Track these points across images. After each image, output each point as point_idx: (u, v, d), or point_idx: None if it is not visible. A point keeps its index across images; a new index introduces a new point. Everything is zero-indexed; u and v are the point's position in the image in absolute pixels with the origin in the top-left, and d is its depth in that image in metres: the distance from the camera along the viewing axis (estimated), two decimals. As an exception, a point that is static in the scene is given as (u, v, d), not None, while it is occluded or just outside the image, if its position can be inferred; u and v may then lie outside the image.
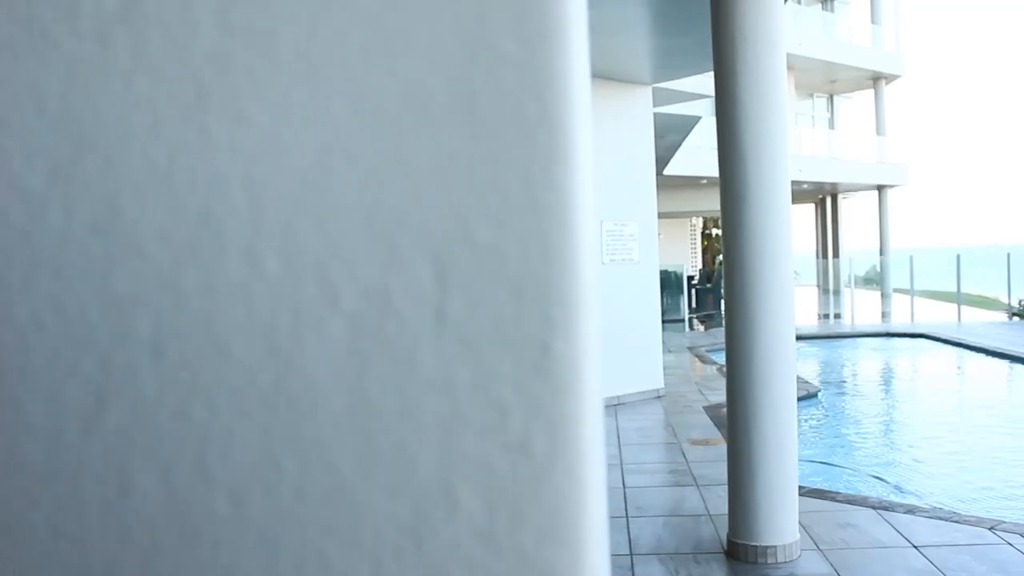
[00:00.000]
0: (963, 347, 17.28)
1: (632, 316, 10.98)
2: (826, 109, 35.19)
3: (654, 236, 11.46)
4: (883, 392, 13.69)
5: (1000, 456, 9.21)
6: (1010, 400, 12.99)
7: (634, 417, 10.14)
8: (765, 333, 5.30)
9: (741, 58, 5.32)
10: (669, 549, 5.68)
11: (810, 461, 8.87)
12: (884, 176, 32.83)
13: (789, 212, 5.43)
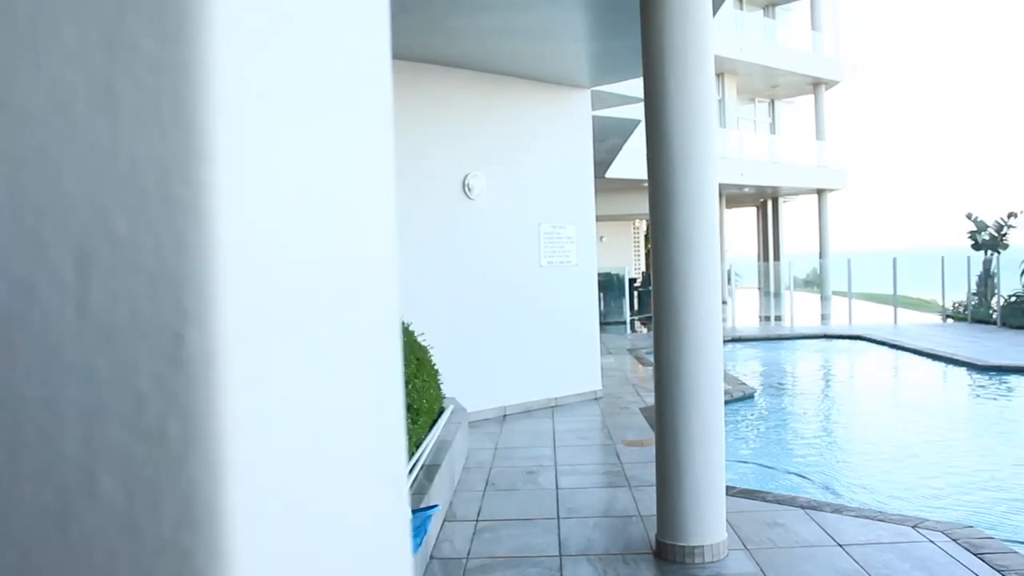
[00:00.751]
0: (898, 348, 17.61)
1: (569, 318, 11.01)
2: (768, 114, 35.58)
3: (592, 238, 11.49)
4: (818, 393, 13.87)
5: (928, 455, 9.36)
6: (940, 400, 13.22)
7: (570, 419, 10.15)
8: (692, 335, 5.34)
9: (669, 63, 5.34)
10: (599, 550, 5.68)
11: (743, 462, 8.95)
12: (824, 180, 33.28)
13: (716, 215, 5.46)
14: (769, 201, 37.66)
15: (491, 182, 10.23)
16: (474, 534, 6.08)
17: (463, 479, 7.60)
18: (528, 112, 10.75)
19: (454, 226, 9.91)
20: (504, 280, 10.36)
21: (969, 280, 22.66)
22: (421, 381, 7.23)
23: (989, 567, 5.24)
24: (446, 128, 9.92)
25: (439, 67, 9.81)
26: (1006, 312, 21.12)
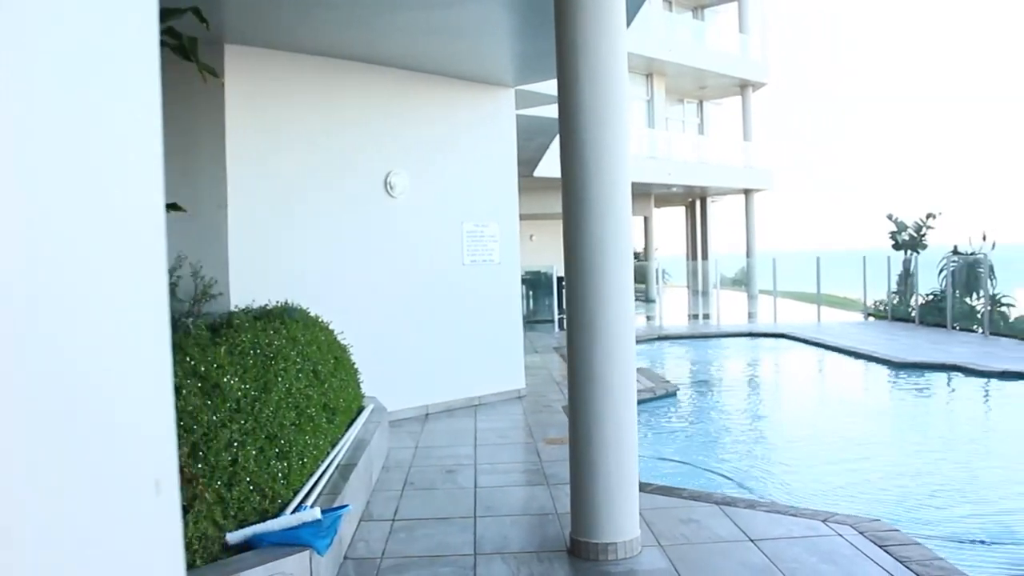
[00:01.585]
0: (819, 346, 17.93)
1: (493, 317, 10.99)
2: (696, 115, 35.93)
3: (515, 237, 11.48)
4: (739, 390, 14.03)
5: (844, 450, 9.51)
6: (858, 396, 13.47)
7: (492, 417, 10.14)
8: (605, 335, 5.35)
9: (583, 64, 5.35)
10: (514, 548, 5.67)
11: (662, 459, 9.01)
12: (751, 180, 33.72)
13: (629, 215, 5.48)
14: (698, 201, 38.06)
15: (414, 180, 10.17)
16: (390, 533, 6.03)
17: (382, 478, 7.54)
18: (451, 110, 10.71)
19: (375, 224, 9.84)
20: (427, 278, 10.30)
21: (889, 279, 23.12)
22: (338, 380, 7.16)
23: (892, 558, 5.34)
24: (368, 126, 9.83)
25: (361, 64, 9.72)
26: (924, 311, 21.60)
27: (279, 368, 5.61)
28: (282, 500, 4.93)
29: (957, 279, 20.66)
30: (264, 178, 8.85)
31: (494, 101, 11.21)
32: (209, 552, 4.26)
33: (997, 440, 10.13)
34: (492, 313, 11.02)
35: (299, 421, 5.59)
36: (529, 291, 24.82)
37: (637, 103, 30.60)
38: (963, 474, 8.44)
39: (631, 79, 29.85)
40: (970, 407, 12.34)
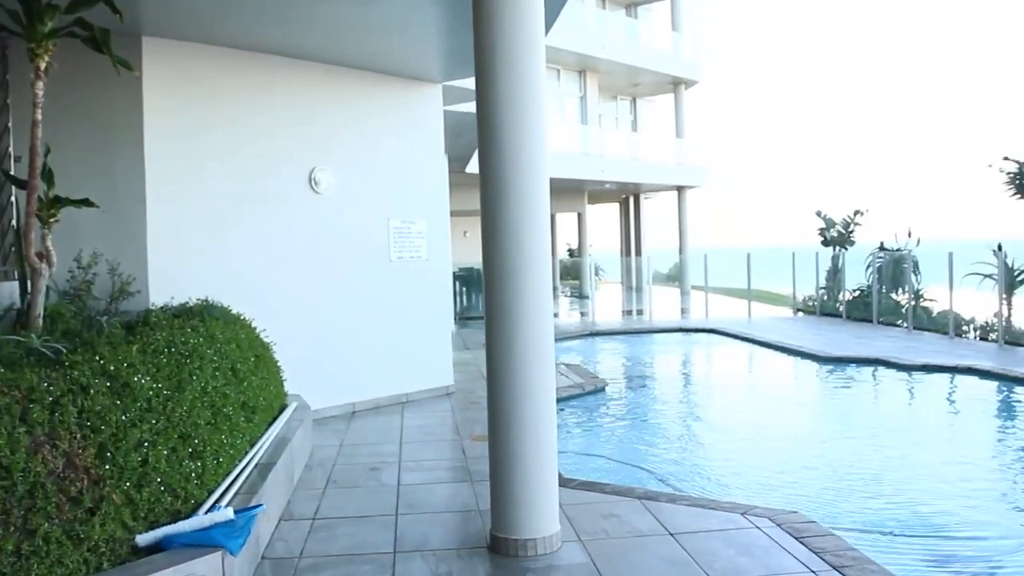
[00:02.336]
0: (748, 341, 18.19)
1: (421, 314, 10.94)
2: (630, 112, 36.19)
3: (445, 234, 11.44)
4: (667, 386, 14.14)
5: (768, 443, 9.66)
6: (783, 391, 13.67)
7: (420, 415, 10.11)
8: (523, 331, 5.35)
9: (500, 61, 5.33)
10: (434, 545, 5.65)
11: (588, 454, 9.06)
12: (683, 177, 34.03)
13: (547, 212, 5.48)
14: (631, 197, 38.34)
15: (339, 176, 10.08)
16: (310, 533, 5.97)
17: (304, 477, 7.47)
18: (378, 106, 10.63)
19: (300, 221, 9.73)
20: (353, 275, 10.22)
21: (818, 275, 23.52)
22: (259, 378, 7.08)
23: (807, 549, 5.42)
24: (292, 121, 9.72)
25: (285, 59, 9.60)
26: (851, 306, 22.03)
27: (194, 367, 5.52)
28: (196, 500, 4.85)
29: (883, 275, 21.09)
30: (185, 173, 8.71)
31: (421, 97, 11.15)
32: (117, 555, 4.17)
33: (916, 432, 10.33)
34: (420, 310, 10.96)
35: (215, 420, 5.51)
36: (462, 288, 24.80)
37: (570, 100, 30.73)
38: (882, 466, 8.60)
39: (565, 76, 30.05)
40: (891, 400, 12.60)
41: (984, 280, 17.59)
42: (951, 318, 17.70)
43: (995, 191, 18.36)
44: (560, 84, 30.29)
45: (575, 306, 29.56)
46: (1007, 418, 11.33)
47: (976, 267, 17.82)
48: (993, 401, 12.03)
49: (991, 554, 6.10)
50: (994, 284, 16.99)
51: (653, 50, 32.78)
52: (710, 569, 5.12)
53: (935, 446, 9.58)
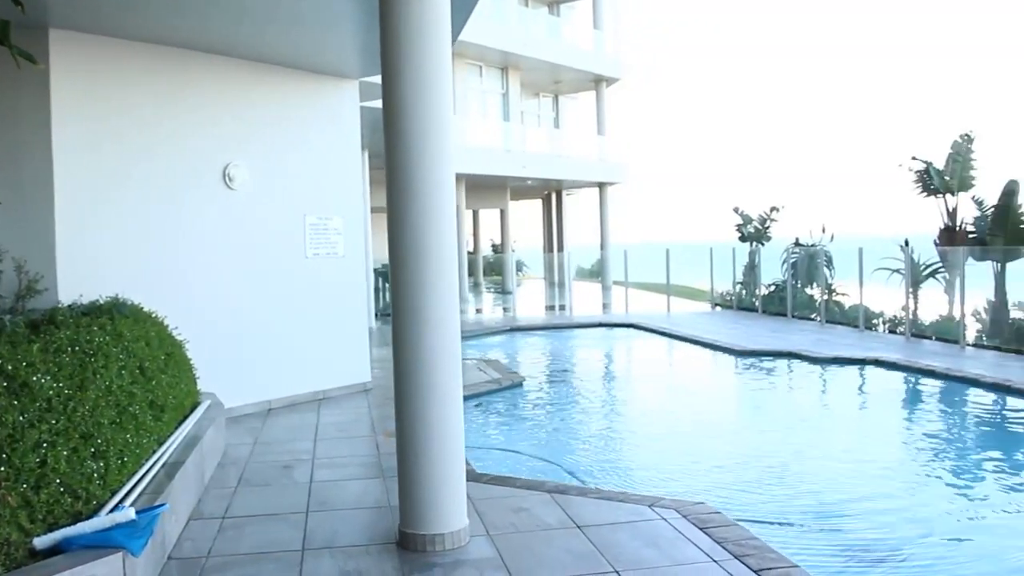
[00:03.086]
0: (665, 335, 18.47)
1: (338, 310, 10.91)
2: (552, 108, 36.40)
3: (361, 230, 11.42)
4: (585, 380, 14.29)
5: (681, 435, 9.84)
6: (698, 384, 13.91)
7: (336, 411, 10.07)
8: (428, 326, 5.38)
9: (405, 56, 5.36)
10: (344, 542, 5.66)
11: (502, 449, 9.13)
12: (604, 174, 34.33)
13: (452, 208, 5.51)
14: (554, 194, 38.56)
15: (254, 172, 10.00)
16: (219, 531, 5.94)
17: (216, 476, 7.41)
18: (293, 102, 10.56)
19: (214, 217, 9.63)
20: (268, 272, 10.15)
21: (734, 270, 23.94)
22: (170, 376, 7.00)
23: (711, 539, 5.55)
24: (206, 116, 9.61)
25: (197, 53, 9.49)
26: (766, 300, 22.50)
27: (99, 365, 5.45)
28: (98, 501, 4.79)
29: (798, 270, 21.56)
30: (95, 169, 8.56)
31: (337, 93, 11.11)
32: (14, 559, 4.11)
33: (824, 423, 10.62)
34: (337, 306, 10.93)
35: (120, 419, 5.44)
36: (386, 284, 24.70)
37: (493, 97, 30.80)
38: (791, 457, 8.81)
39: (487, 73, 30.11)
40: (802, 392, 12.91)
41: (892, 275, 18.12)
42: (861, 312, 18.19)
43: (904, 189, 18.89)
44: (483, 81, 30.35)
45: (498, 302, 29.65)
46: (912, 408, 11.70)
47: (884, 262, 18.35)
48: (899, 392, 12.40)
49: (896, 543, 6.29)
50: (901, 279, 17.49)
51: (575, 48, 33.00)
52: (615, 561, 5.21)
53: (843, 437, 9.84)
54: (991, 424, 10.48)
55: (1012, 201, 16.34)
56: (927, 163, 18.36)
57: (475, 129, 28.70)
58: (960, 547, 6.29)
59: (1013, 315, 15.34)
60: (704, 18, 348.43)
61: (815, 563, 5.71)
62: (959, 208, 18.15)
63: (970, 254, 16.53)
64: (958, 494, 7.73)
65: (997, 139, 42.67)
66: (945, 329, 16.17)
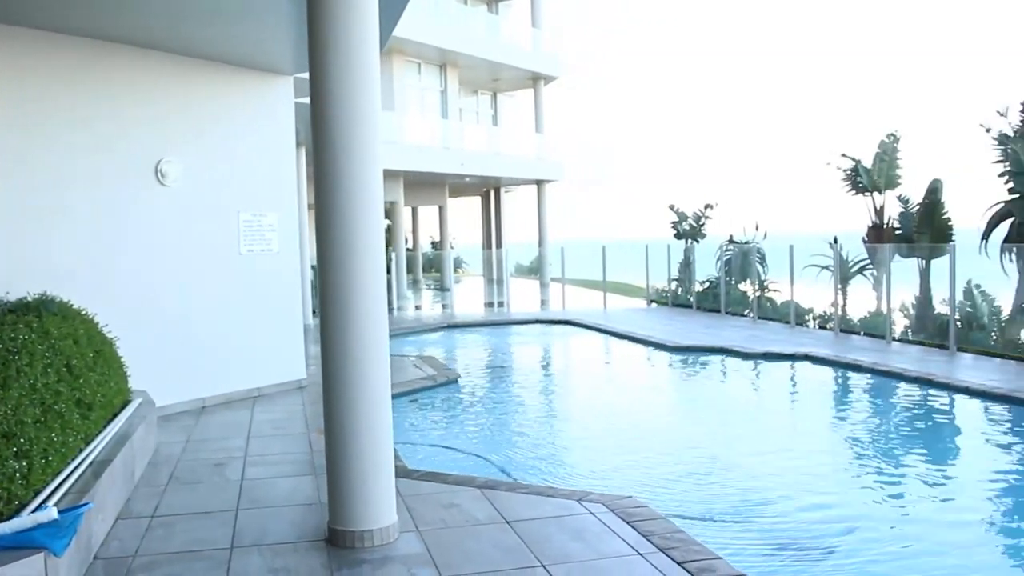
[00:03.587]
0: (601, 331, 18.67)
1: (272, 307, 10.87)
2: (490, 106, 36.45)
3: (296, 227, 11.38)
4: (519, 376, 14.39)
5: (613, 430, 9.96)
6: (631, 379, 14.08)
7: (271, 409, 10.04)
8: (356, 322, 5.40)
9: (332, 52, 5.37)
10: (273, 540, 5.67)
11: (435, 445, 9.18)
12: (542, 172, 34.46)
13: (380, 205, 5.53)
14: (492, 191, 38.62)
15: (187, 168, 9.92)
16: (147, 531, 5.91)
17: (146, 474, 7.36)
18: (228, 98, 10.50)
19: (146, 213, 9.54)
20: (202, 269, 10.08)
21: (670, 267, 24.21)
22: (99, 374, 6.93)
23: (637, 533, 5.66)
24: (137, 112, 9.52)
25: (129, 47, 9.39)
26: (701, 297, 22.82)
27: (23, 364, 5.39)
28: (20, 501, 4.75)
29: (732, 267, 21.88)
30: (22, 164, 8.44)
31: (272, 89, 11.07)
32: (-67, 558, 4.08)
33: (754, 418, 10.82)
34: (271, 303, 10.88)
35: (45, 418, 5.39)
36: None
37: (431, 94, 30.76)
38: (721, 451, 8.99)
39: (426, 70, 30.06)
40: (733, 387, 13.13)
41: (822, 272, 18.49)
42: (792, 308, 18.53)
43: (834, 187, 19.27)
44: (421, 78, 30.30)
45: (437, 299, 29.66)
46: (839, 403, 11.97)
47: (815, 259, 18.71)
48: (828, 386, 12.69)
49: (821, 536, 6.45)
50: (831, 276, 17.85)
51: (513, 46, 33.07)
52: (542, 555, 5.29)
53: (771, 431, 10.05)
54: (914, 417, 10.77)
55: (937, 199, 16.77)
56: (856, 161, 18.74)
57: (414, 126, 28.66)
58: (884, 539, 6.44)
59: (938, 311, 15.73)
60: (643, 18, 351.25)
61: (741, 556, 5.85)
62: (886, 206, 18.57)
63: (897, 251, 16.95)
64: (882, 487, 7.94)
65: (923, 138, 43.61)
66: (873, 325, 16.54)
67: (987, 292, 15.12)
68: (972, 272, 15.40)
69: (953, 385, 11.36)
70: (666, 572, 5.03)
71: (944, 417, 10.73)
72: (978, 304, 14.88)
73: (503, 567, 5.12)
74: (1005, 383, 11.17)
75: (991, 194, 15.49)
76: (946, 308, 14.56)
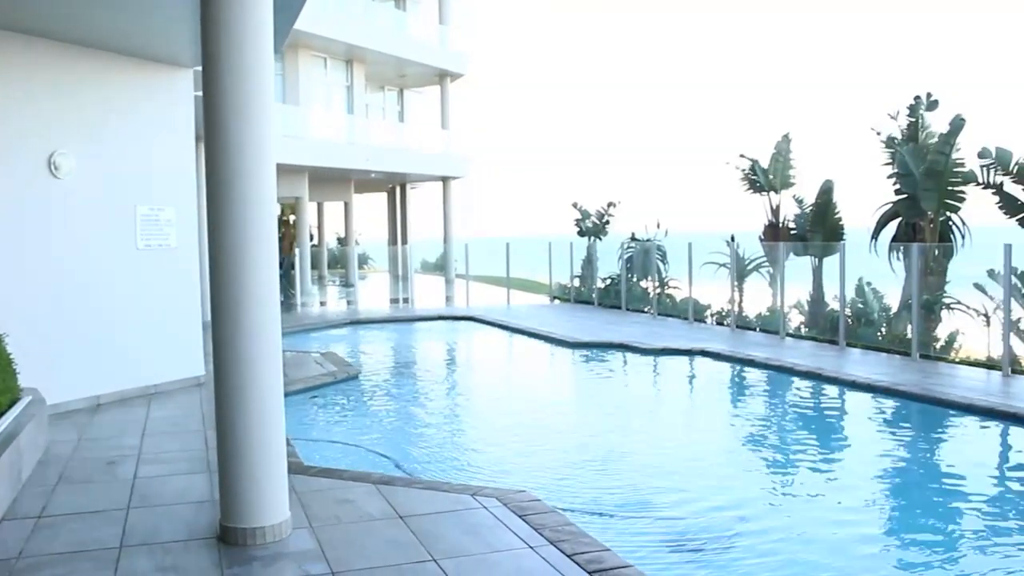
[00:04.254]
0: (502, 328, 18.83)
1: (170, 303, 10.72)
2: (397, 102, 36.34)
3: (195, 221, 11.23)
4: (421, 372, 14.45)
5: (511, 425, 10.09)
6: (530, 375, 14.29)
7: (167, 406, 9.92)
8: (249, 318, 5.39)
9: (225, 45, 5.36)
10: (163, 538, 5.63)
11: (333, 441, 9.19)
12: (448, 168, 34.49)
13: (272, 201, 5.53)
14: (398, 187, 38.53)
15: (82, 161, 9.73)
16: (33, 531, 5.82)
17: (35, 474, 7.22)
18: (125, 89, 10.31)
19: (38, 207, 9.32)
20: (98, 264, 9.90)
21: (572, 264, 24.50)
22: (-16, 372, 6.81)
23: (529, 526, 5.77)
24: (28, 103, 9.29)
25: (20, 35, 9.16)
26: (602, 293, 23.15)
27: (-97, 362, 5.29)
28: (-101, 501, 4.66)
29: (634, 264, 22.24)
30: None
31: (172, 81, 10.91)
32: None
33: (650, 413, 11.07)
34: (169, 299, 10.73)
35: (-74, 417, 5.29)
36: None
37: (337, 89, 30.56)
38: (617, 444, 9.19)
39: (332, 65, 29.84)
40: (630, 383, 13.40)
41: (719, 269, 18.93)
42: (691, 305, 18.97)
43: (733, 186, 19.76)
44: (327, 73, 30.06)
45: (342, 295, 29.47)
46: (735, 397, 12.31)
47: (713, 257, 19.15)
48: (724, 381, 13.04)
49: (713, 527, 6.62)
50: (728, 273, 18.29)
51: (420, 42, 33.02)
52: (434, 550, 5.37)
53: (666, 426, 10.30)
54: (804, 410, 11.16)
55: (829, 199, 17.33)
56: (753, 161, 19.22)
57: (319, 121, 28.44)
58: (774, 531, 6.60)
59: (830, 307, 16.24)
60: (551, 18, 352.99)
61: (631, 548, 5.99)
62: (783, 205, 19.09)
63: (791, 249, 17.44)
64: (773, 479, 8.23)
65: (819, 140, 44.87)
66: (768, 321, 17.02)
67: (877, 289, 15.69)
68: (863, 270, 15.95)
69: (841, 379, 11.78)
70: (555, 564, 5.15)
71: (832, 409, 11.15)
72: (869, 301, 15.43)
73: (395, 562, 5.18)
74: (889, 376, 11.63)
75: (880, 195, 16.10)
76: (838, 304, 15.04)
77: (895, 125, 15.95)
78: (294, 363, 13.08)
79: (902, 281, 15.13)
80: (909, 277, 14.28)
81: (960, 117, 14.65)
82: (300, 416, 10.00)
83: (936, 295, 14.25)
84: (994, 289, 13.14)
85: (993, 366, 12.32)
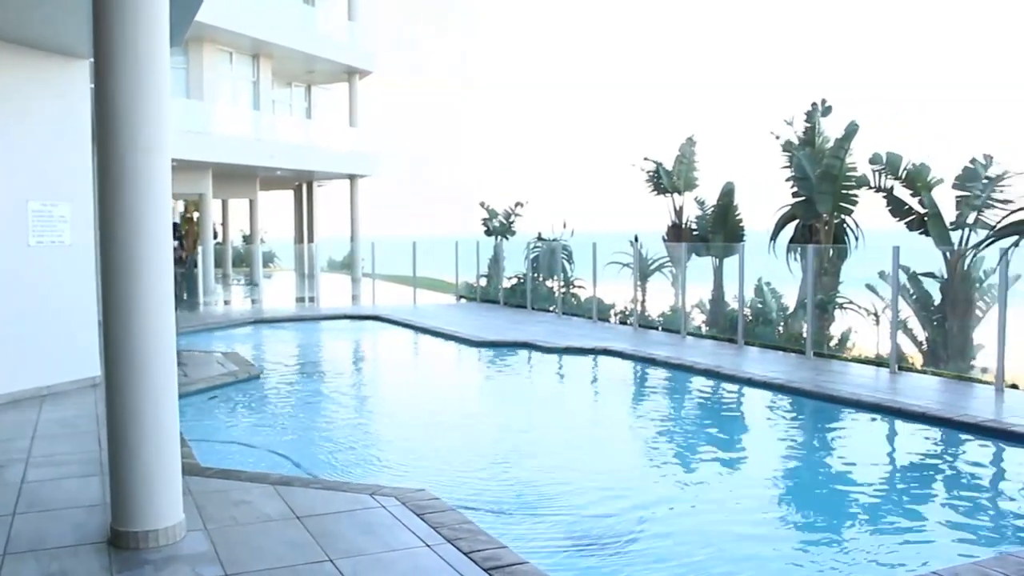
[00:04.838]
0: (407, 327, 18.83)
1: (64, 302, 10.46)
2: (304, 99, 35.99)
3: (92, 218, 10.97)
4: (323, 372, 14.35)
5: (412, 424, 10.10)
6: (434, 374, 14.35)
7: (61, 407, 9.68)
8: (140, 317, 5.30)
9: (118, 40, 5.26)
10: (51, 544, 5.50)
11: (232, 442, 9.09)
12: (356, 166, 34.26)
13: (167, 197, 5.45)
14: (305, 185, 38.16)
15: (-30, 155, 9.44)
16: (-93, 541, 5.64)
17: (-86, 480, 7.00)
18: (15, 80, 10.00)
19: (-78, 202, 9.04)
20: (-15, 261, 9.62)
21: (479, 263, 24.61)
22: None
23: (427, 525, 5.81)
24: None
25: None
26: (508, 293, 23.29)
27: None
28: None
29: (540, 263, 22.43)
30: None
31: (67, 72, 10.62)
32: None
33: (552, 412, 11.17)
34: (63, 298, 10.46)
35: None
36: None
37: (243, 84, 30.14)
38: (518, 443, 9.26)
39: (237, 59, 29.43)
40: (534, 381, 13.55)
41: (623, 269, 19.22)
42: (595, 304, 19.22)
43: (638, 188, 20.09)
44: (233, 68, 29.62)
45: (246, 294, 29.07)
46: (636, 395, 12.51)
47: (616, 257, 19.43)
48: (626, 379, 13.24)
49: (616, 524, 6.70)
50: (631, 273, 18.58)
51: (329, 39, 32.73)
52: (331, 550, 5.37)
53: (568, 424, 10.41)
54: (703, 407, 11.42)
55: (730, 201, 17.76)
56: (658, 164, 19.57)
57: (224, 117, 28.00)
58: (676, 529, 6.70)
59: (730, 307, 16.61)
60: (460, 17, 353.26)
61: (530, 546, 6.04)
62: (685, 207, 19.47)
63: (693, 250, 17.79)
64: (674, 476, 8.38)
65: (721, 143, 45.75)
66: (671, 320, 17.33)
67: (775, 289, 16.12)
68: (762, 271, 16.38)
69: (738, 377, 12.08)
70: (451, 562, 5.20)
71: (730, 407, 11.42)
72: (767, 300, 15.84)
73: (291, 563, 5.17)
74: (784, 374, 11.97)
75: (779, 197, 16.54)
76: (737, 304, 15.39)
77: (792, 131, 16.42)
78: (195, 362, 12.89)
79: (799, 281, 15.55)
80: (805, 277, 14.69)
81: (854, 123, 15.16)
82: (199, 416, 9.86)
83: (830, 295, 14.72)
84: (884, 289, 13.64)
85: (882, 363, 12.77)
